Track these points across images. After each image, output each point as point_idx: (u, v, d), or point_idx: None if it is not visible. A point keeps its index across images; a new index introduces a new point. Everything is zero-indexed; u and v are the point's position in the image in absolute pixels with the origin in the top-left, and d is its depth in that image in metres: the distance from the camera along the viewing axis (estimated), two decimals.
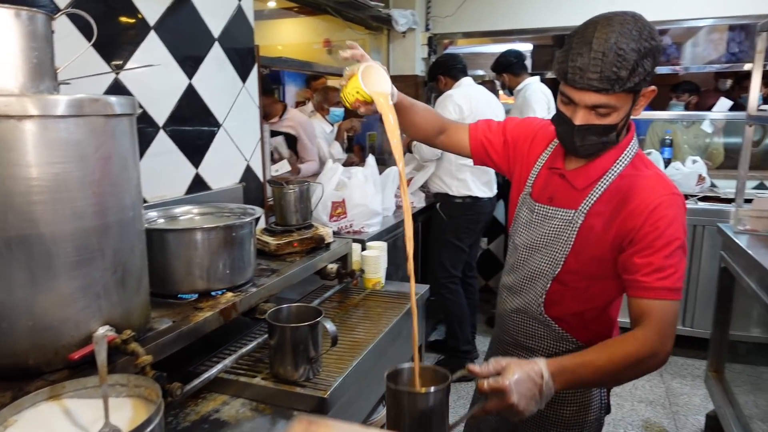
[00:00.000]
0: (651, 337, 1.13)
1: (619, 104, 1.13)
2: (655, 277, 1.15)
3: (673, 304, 1.16)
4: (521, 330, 1.41)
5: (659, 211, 1.16)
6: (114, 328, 1.04)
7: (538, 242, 1.33)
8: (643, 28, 1.09)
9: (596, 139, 1.18)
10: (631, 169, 1.24)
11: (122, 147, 1.09)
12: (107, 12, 1.57)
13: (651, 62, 1.09)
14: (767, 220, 2.42)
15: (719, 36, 5.66)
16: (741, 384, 2.43)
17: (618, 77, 1.07)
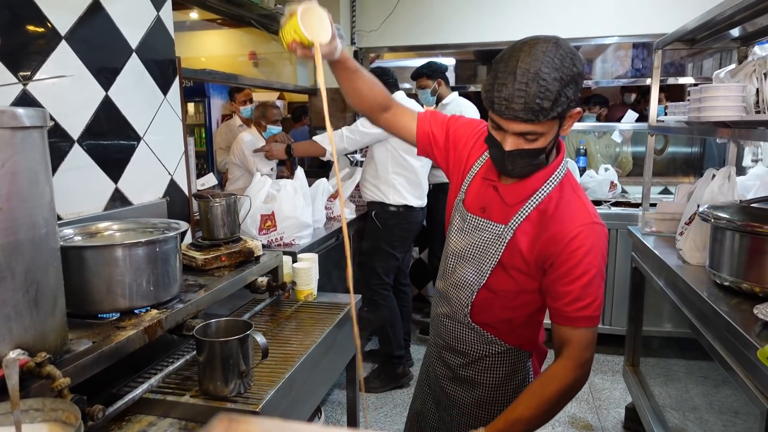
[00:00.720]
0: (571, 367, 1.23)
1: (545, 130, 1.14)
2: (574, 307, 1.22)
3: (591, 330, 1.25)
4: (452, 334, 1.45)
5: (578, 241, 1.20)
6: (27, 351, 0.98)
7: (467, 252, 1.36)
8: (564, 56, 1.10)
9: (527, 162, 1.20)
10: (558, 191, 1.26)
11: (32, 161, 1.04)
12: (13, 21, 1.49)
13: (573, 89, 1.10)
14: (670, 222, 2.62)
15: (625, 53, 6.10)
16: (655, 376, 2.60)
17: (542, 108, 1.08)
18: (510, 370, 1.41)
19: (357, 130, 3.15)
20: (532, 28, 4.22)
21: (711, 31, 2.38)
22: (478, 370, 1.42)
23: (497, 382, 1.41)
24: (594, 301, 1.23)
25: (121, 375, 1.39)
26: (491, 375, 1.41)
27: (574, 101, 1.12)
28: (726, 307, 1.63)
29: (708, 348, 1.72)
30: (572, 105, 1.13)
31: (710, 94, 1.94)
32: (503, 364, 1.41)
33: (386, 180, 3.21)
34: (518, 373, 1.42)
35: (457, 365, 1.45)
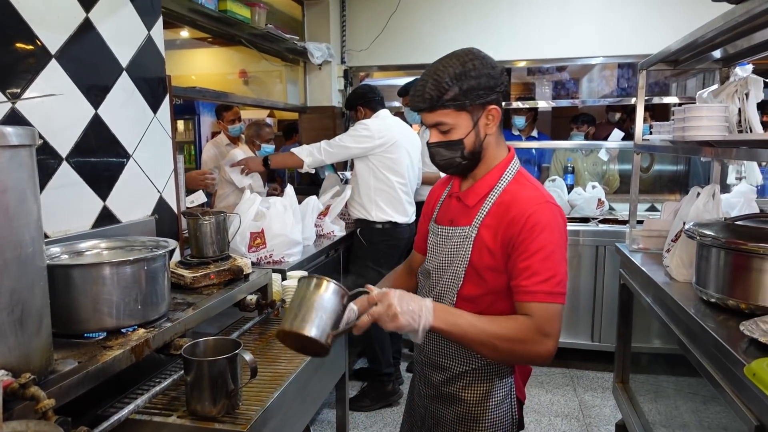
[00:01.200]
0: (531, 328, 1.23)
1: (452, 121, 1.29)
2: (533, 281, 1.24)
3: (553, 306, 1.24)
4: (434, 349, 1.46)
5: (534, 218, 1.26)
6: (11, 372, 0.97)
7: (444, 262, 1.41)
8: (467, 59, 1.27)
9: (447, 153, 1.33)
10: (513, 184, 1.36)
11: (20, 179, 1.03)
12: (2, 39, 1.49)
13: (469, 84, 1.25)
14: (657, 239, 2.64)
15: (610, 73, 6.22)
16: (645, 393, 2.60)
17: (431, 96, 1.26)
18: (490, 387, 1.41)
19: (335, 144, 3.19)
20: (520, 48, 4.30)
21: (694, 52, 2.43)
22: (459, 387, 1.43)
23: (478, 398, 1.41)
24: (554, 276, 1.24)
25: (107, 395, 1.37)
26: (472, 391, 1.42)
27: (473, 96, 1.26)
28: (713, 324, 1.64)
29: (696, 365, 1.73)
30: (472, 100, 1.26)
31: (694, 114, 1.98)
32: (484, 380, 1.41)
33: (368, 197, 3.24)
34: (499, 390, 1.42)
35: (439, 382, 1.46)
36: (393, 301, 1.17)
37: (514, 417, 1.45)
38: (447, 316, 1.22)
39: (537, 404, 3.33)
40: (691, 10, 3.82)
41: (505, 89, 1.34)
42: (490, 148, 1.36)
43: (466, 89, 1.26)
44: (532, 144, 4.69)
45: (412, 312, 1.18)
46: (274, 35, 3.55)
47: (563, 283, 1.26)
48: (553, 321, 1.24)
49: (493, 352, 1.24)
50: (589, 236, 3.71)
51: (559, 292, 1.25)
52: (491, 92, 1.28)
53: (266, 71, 4.49)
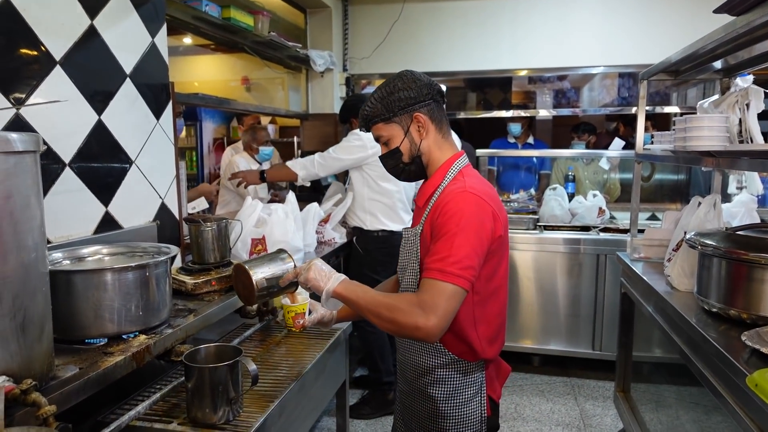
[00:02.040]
0: (413, 301, 1.27)
1: (387, 134, 1.46)
2: (432, 259, 1.30)
3: (441, 284, 1.26)
4: (407, 345, 1.51)
5: (448, 206, 1.33)
6: (12, 378, 0.97)
7: (405, 263, 1.50)
8: (392, 79, 1.46)
9: (391, 162, 1.49)
10: (451, 182, 1.43)
11: (24, 185, 1.04)
12: (8, 45, 1.50)
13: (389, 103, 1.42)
14: (658, 248, 2.64)
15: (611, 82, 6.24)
16: (646, 402, 2.59)
17: (365, 116, 1.47)
18: (459, 383, 1.44)
19: (329, 156, 3.19)
20: (521, 57, 4.32)
21: (694, 63, 2.44)
22: (428, 382, 1.46)
23: (446, 394, 1.44)
24: (449, 256, 1.27)
25: (108, 401, 1.37)
26: (440, 387, 1.45)
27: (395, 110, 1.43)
28: (714, 334, 1.64)
29: (698, 374, 1.73)
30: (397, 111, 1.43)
31: (695, 124, 1.99)
32: (451, 376, 1.44)
33: (362, 206, 3.24)
34: (468, 387, 1.45)
35: (413, 377, 1.50)
36: (315, 261, 1.42)
37: (483, 415, 1.47)
38: (350, 285, 1.37)
39: (538, 413, 3.31)
40: (691, 21, 3.85)
41: (435, 97, 1.45)
42: (431, 152, 1.47)
43: (388, 104, 1.43)
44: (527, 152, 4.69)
45: (322, 273, 1.39)
46: (276, 43, 3.56)
47: (459, 265, 1.26)
48: (438, 297, 1.25)
49: (380, 319, 1.30)
50: (589, 245, 3.71)
51: (452, 272, 1.26)
52: (414, 102, 1.42)
53: (268, 78, 4.51)
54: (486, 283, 1.39)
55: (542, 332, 3.80)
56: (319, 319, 1.61)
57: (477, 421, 1.45)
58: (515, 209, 4.08)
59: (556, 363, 3.92)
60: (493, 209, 1.36)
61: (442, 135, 1.48)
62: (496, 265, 1.41)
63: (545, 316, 3.79)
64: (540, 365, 3.94)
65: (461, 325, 1.39)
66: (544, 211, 4.11)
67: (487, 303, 1.41)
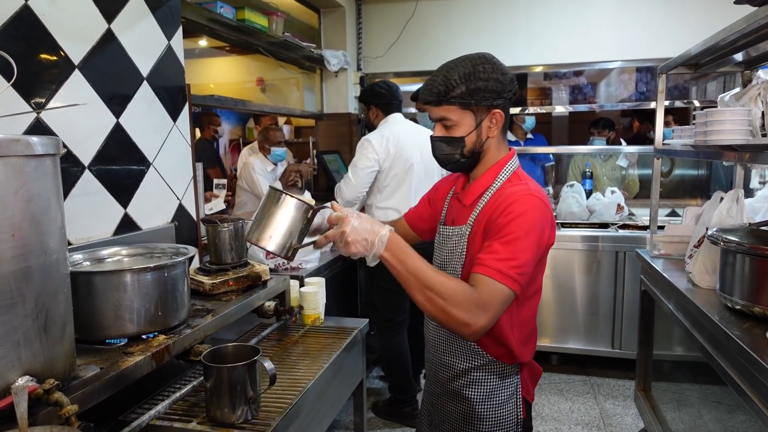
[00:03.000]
0: (470, 295, 1.20)
1: (456, 118, 1.34)
2: (490, 257, 1.24)
3: (499, 286, 1.21)
4: (440, 346, 1.48)
5: (511, 207, 1.28)
6: (35, 378, 0.98)
7: (444, 261, 1.44)
8: (479, 62, 1.33)
9: (448, 149, 1.38)
10: (507, 183, 1.39)
11: (45, 188, 1.05)
12: (28, 51, 1.53)
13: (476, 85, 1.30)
14: (679, 244, 2.60)
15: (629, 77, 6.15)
16: (667, 401, 2.56)
17: (439, 91, 1.32)
18: (496, 385, 1.42)
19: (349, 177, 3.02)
20: (537, 53, 4.28)
21: (715, 55, 2.40)
22: (463, 384, 1.44)
23: (482, 396, 1.42)
24: (511, 259, 1.22)
25: (129, 401, 1.38)
26: (477, 389, 1.43)
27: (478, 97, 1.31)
28: (738, 331, 1.61)
29: (721, 372, 1.70)
30: (479, 101, 1.31)
31: (716, 117, 1.95)
32: (488, 378, 1.42)
33: (372, 214, 3.05)
34: (505, 389, 1.43)
35: (446, 379, 1.47)
36: (347, 228, 1.20)
37: (519, 417, 1.45)
38: (399, 252, 1.23)
39: (557, 412, 3.28)
40: (711, 13, 3.77)
41: (513, 96, 1.37)
42: (490, 150, 1.40)
43: (473, 89, 1.31)
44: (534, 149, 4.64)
45: (365, 241, 1.21)
46: (291, 43, 3.58)
47: (519, 270, 1.23)
48: (495, 300, 1.21)
49: (428, 302, 1.22)
50: (608, 242, 3.67)
51: (512, 276, 1.22)
52: (498, 96, 1.33)
53: (283, 79, 4.53)
54: (526, 287, 1.34)
55: (561, 331, 3.77)
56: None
57: (513, 422, 1.43)
58: None
59: (575, 362, 3.88)
60: (552, 217, 1.34)
61: (503, 135, 1.43)
62: (539, 270, 1.38)
63: (563, 315, 3.76)
64: (558, 364, 3.90)
65: (501, 328, 1.37)
66: (561, 208, 4.07)
67: (524, 306, 1.39)
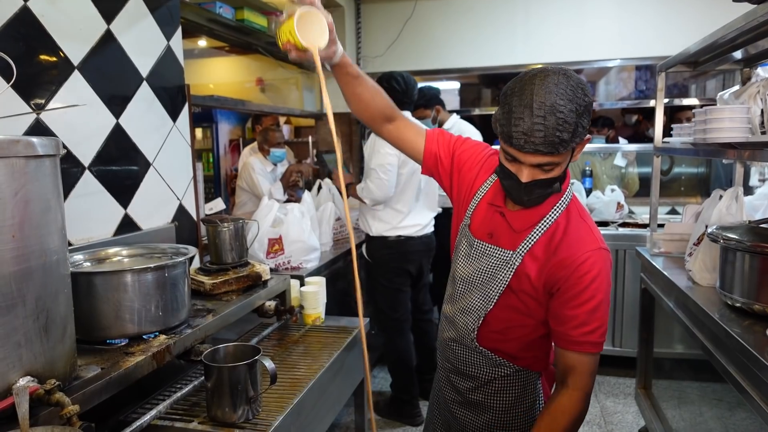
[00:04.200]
0: (579, 398, 1.25)
1: (562, 160, 1.16)
2: (581, 332, 1.23)
3: (595, 357, 1.27)
4: (459, 358, 1.44)
5: (586, 266, 1.21)
6: (36, 378, 0.98)
7: (476, 278, 1.35)
8: (576, 87, 1.11)
9: (542, 192, 1.21)
10: (565, 217, 1.27)
11: (45, 189, 1.05)
12: (28, 52, 1.53)
13: (587, 119, 1.13)
14: (679, 242, 2.60)
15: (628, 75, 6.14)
16: (668, 399, 2.56)
17: (561, 140, 1.09)
18: (520, 393, 1.40)
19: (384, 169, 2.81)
20: (535, 51, 4.27)
21: (714, 53, 2.40)
22: (487, 393, 1.41)
23: (507, 405, 1.40)
24: (600, 327, 1.24)
25: (130, 401, 1.38)
26: (501, 398, 1.40)
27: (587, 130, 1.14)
28: (738, 329, 1.61)
29: (721, 370, 1.70)
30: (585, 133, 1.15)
31: (715, 115, 1.95)
32: (513, 387, 1.40)
33: (369, 211, 3.00)
34: (528, 395, 1.41)
35: (466, 389, 1.44)
36: None
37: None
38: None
39: None
40: (710, 11, 3.77)
41: None
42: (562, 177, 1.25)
43: (587, 125, 1.13)
44: None
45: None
46: None
47: (605, 333, 1.27)
48: (594, 373, 1.27)
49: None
50: (608, 240, 3.60)
51: (602, 342, 1.27)
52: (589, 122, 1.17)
53: (283, 79, 4.53)
54: None
55: None
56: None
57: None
58: None
59: None
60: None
61: None
62: None
63: None
64: None
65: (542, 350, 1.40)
66: None
67: None
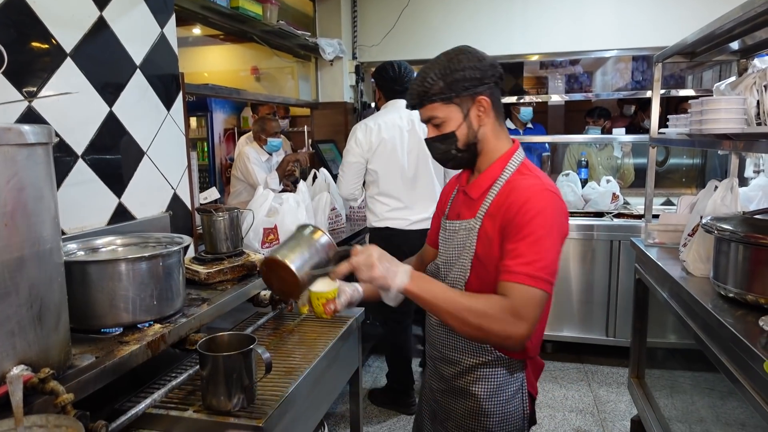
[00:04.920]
0: (505, 307, 1.19)
1: (443, 115, 1.33)
2: (517, 262, 1.22)
3: (533, 290, 1.20)
4: (444, 342, 1.46)
5: (529, 203, 1.26)
6: (30, 367, 0.98)
7: (452, 255, 1.42)
8: (453, 54, 1.33)
9: (442, 147, 1.37)
10: (516, 175, 1.36)
11: (37, 177, 1.05)
12: (19, 39, 1.51)
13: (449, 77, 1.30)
14: (673, 233, 2.61)
15: (625, 66, 6.14)
16: (660, 388, 2.58)
17: (418, 92, 1.33)
18: (502, 381, 1.42)
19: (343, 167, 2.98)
20: (533, 41, 4.26)
21: (711, 44, 2.39)
22: (470, 380, 1.43)
23: (489, 392, 1.42)
24: (539, 261, 1.21)
25: (124, 390, 1.38)
26: (483, 385, 1.42)
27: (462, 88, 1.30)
28: (731, 319, 1.62)
29: (713, 360, 1.71)
30: (460, 91, 1.30)
31: (711, 106, 1.95)
32: (495, 374, 1.41)
33: (369, 202, 3.06)
34: (511, 384, 1.42)
35: (450, 376, 1.46)
36: (373, 252, 1.22)
37: (525, 411, 1.45)
38: (422, 282, 1.23)
39: (551, 399, 3.31)
40: (707, 1, 3.76)
41: (497, 81, 1.35)
42: (487, 140, 1.37)
43: (451, 82, 1.30)
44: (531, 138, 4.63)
45: (389, 269, 1.21)
46: (285, 31, 3.55)
47: (548, 269, 1.22)
48: (530, 305, 1.20)
49: (463, 325, 1.21)
50: (603, 231, 3.68)
51: (542, 277, 1.21)
52: (479, 83, 1.31)
53: (278, 67, 4.50)
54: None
55: (555, 319, 3.79)
56: (349, 300, 1.43)
57: (519, 417, 1.43)
58: None
59: (569, 349, 3.91)
60: (566, 208, 1.33)
61: (500, 123, 1.39)
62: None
63: (558, 303, 3.78)
64: (553, 352, 3.93)
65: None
66: None
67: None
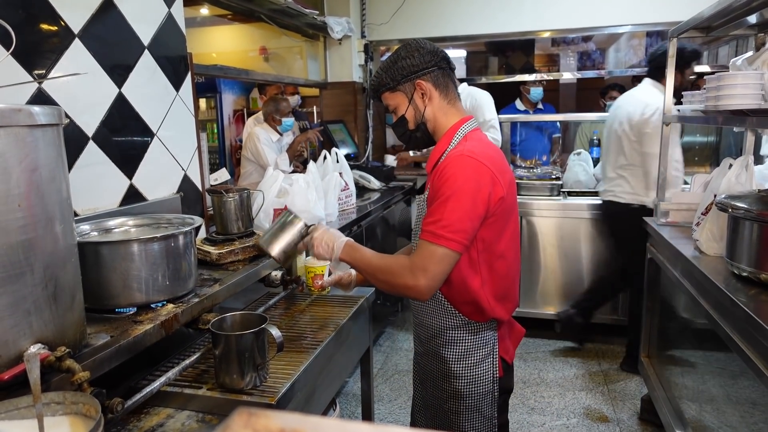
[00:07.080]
0: (406, 264, 1.36)
1: (393, 102, 1.51)
2: (426, 221, 1.37)
3: (431, 247, 1.33)
4: (420, 307, 1.57)
5: (446, 169, 1.37)
6: (47, 345, 1.00)
7: (416, 228, 1.53)
8: (396, 51, 1.49)
9: (399, 130, 1.55)
10: (455, 146, 1.45)
11: (49, 158, 1.05)
12: (27, 19, 1.51)
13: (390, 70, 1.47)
14: (686, 212, 2.58)
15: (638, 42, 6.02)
16: (671, 367, 2.58)
17: (372, 88, 1.56)
18: (470, 345, 1.50)
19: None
20: (543, 18, 4.18)
21: (727, 18, 2.33)
22: (440, 343, 1.52)
23: (457, 355, 1.51)
24: (442, 220, 1.32)
25: (139, 368, 1.41)
26: (451, 348, 1.51)
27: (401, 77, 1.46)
28: (744, 298, 1.61)
29: (726, 339, 1.70)
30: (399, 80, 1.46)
31: (727, 82, 1.91)
32: (463, 339, 1.50)
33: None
34: (479, 349, 1.50)
35: (425, 338, 1.56)
36: (315, 234, 1.50)
37: (495, 376, 1.51)
38: (352, 251, 1.46)
39: (561, 378, 3.33)
40: None
41: (439, 64, 1.47)
42: (436, 119, 1.50)
43: (392, 73, 1.47)
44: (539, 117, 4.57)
45: (327, 246, 1.48)
46: (293, 10, 3.51)
47: (451, 228, 1.31)
48: (429, 259, 1.33)
49: (377, 282, 1.43)
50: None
51: (442, 235, 1.31)
52: (417, 70, 1.45)
53: (286, 47, 4.46)
54: (492, 245, 1.42)
55: (566, 299, 3.78)
56: (337, 280, 1.73)
57: (489, 381, 1.51)
58: (538, 176, 4.01)
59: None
60: (492, 172, 1.37)
61: (448, 101, 1.50)
62: (501, 227, 1.43)
63: (569, 283, 3.77)
64: (563, 331, 3.93)
65: (469, 287, 1.43)
66: (568, 177, 4.04)
67: (494, 264, 1.45)
